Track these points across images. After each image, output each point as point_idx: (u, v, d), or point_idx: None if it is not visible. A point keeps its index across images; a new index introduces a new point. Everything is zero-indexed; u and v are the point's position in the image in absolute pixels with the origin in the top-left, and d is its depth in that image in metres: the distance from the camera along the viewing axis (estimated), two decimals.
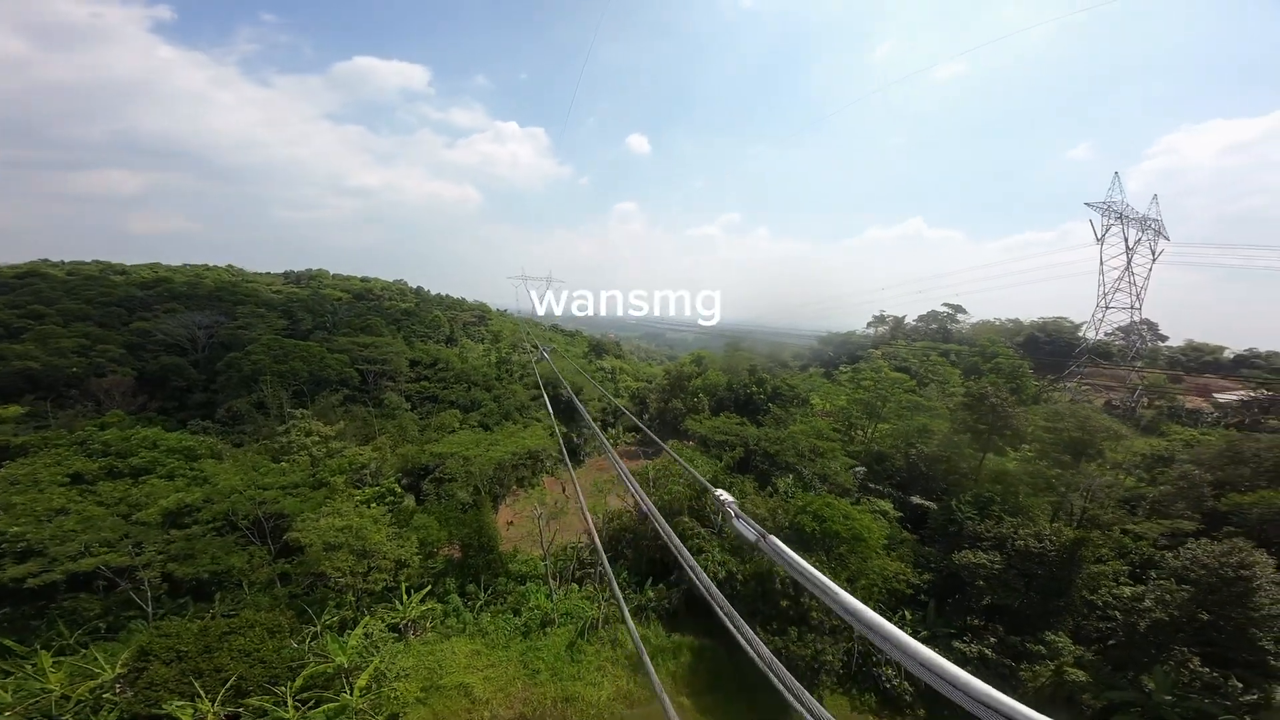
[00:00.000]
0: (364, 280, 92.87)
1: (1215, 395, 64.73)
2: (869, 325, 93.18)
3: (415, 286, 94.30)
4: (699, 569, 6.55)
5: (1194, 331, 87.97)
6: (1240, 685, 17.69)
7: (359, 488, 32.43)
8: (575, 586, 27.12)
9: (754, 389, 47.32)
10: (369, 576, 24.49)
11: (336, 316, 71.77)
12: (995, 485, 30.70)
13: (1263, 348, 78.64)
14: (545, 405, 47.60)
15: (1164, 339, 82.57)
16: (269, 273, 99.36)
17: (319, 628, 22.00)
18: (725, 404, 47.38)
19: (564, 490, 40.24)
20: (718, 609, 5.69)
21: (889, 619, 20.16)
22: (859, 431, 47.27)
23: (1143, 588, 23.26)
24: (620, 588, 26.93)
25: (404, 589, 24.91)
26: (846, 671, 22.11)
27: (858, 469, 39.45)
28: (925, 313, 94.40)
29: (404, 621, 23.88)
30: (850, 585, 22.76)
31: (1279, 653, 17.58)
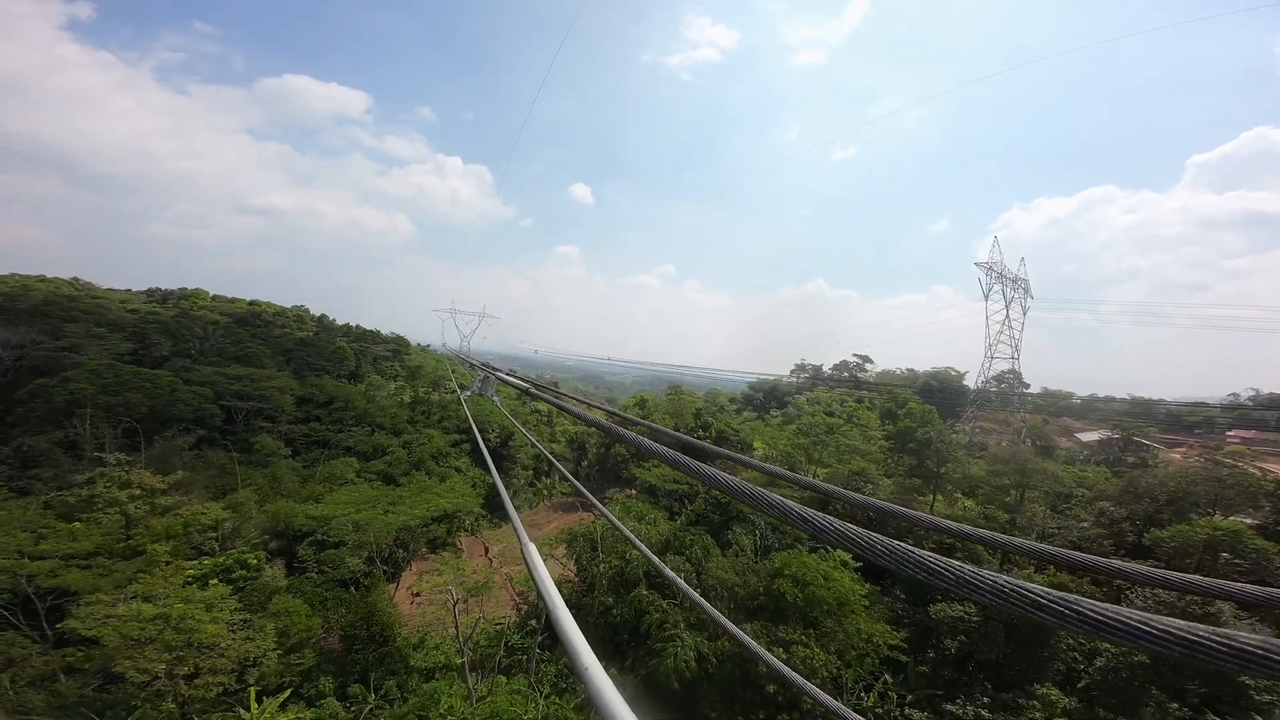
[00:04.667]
0: (251, 303, 79.85)
1: (1078, 435, 73.69)
2: (791, 373, 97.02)
3: (318, 314, 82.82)
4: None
5: (1043, 379, 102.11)
6: None
7: (200, 556, 24.08)
8: (502, 679, 21.07)
9: (700, 433, 44.83)
10: (197, 680, 16.98)
11: (206, 343, 59.65)
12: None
13: (1099, 393, 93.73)
14: (469, 452, 41.13)
15: (1027, 386, 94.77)
16: (128, 290, 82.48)
17: None
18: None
19: (487, 552, 33.81)
20: None
21: (873, 686, 17.20)
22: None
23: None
24: (561, 674, 21.39)
25: (253, 693, 17.56)
26: None
27: None
28: (838, 362, 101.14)
29: None
30: (839, 659, 19.64)
31: (1258, 685, 17.06)
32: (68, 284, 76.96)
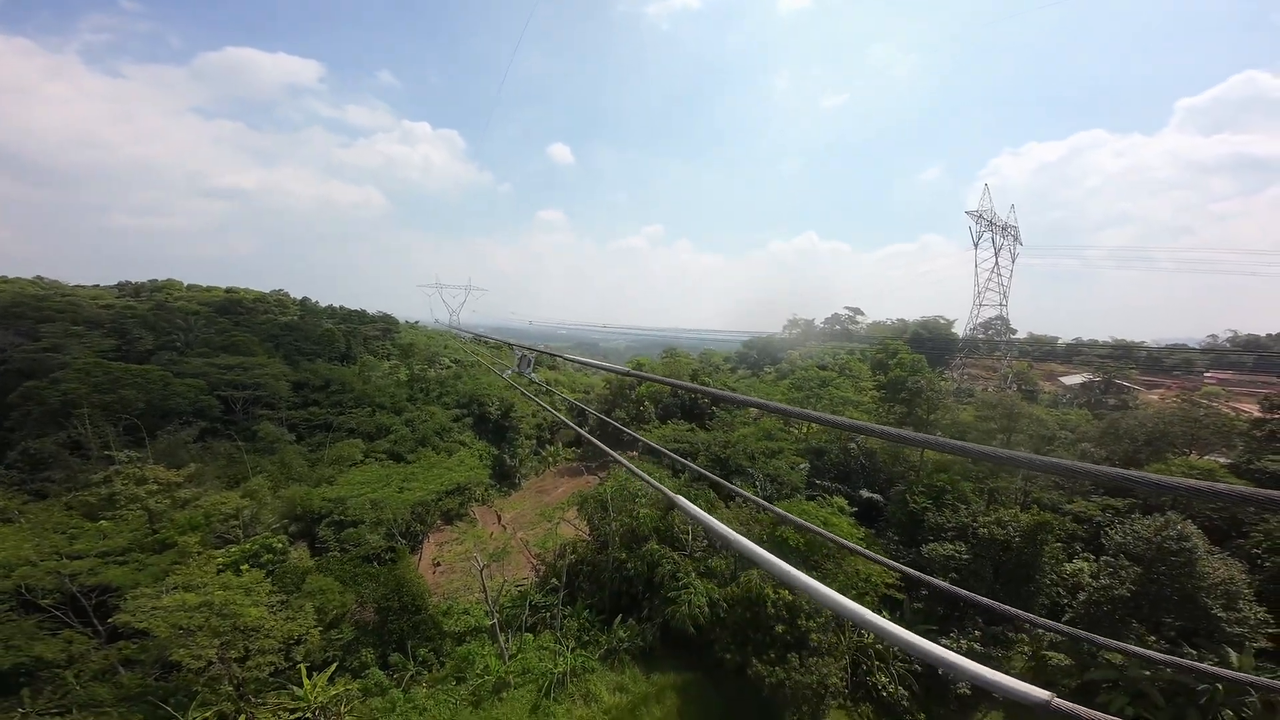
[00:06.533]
0: (228, 291, 77.74)
1: (1061, 379, 76.12)
2: (785, 329, 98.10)
3: (300, 298, 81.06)
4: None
5: (1030, 325, 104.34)
6: (1194, 652, 18.48)
7: (224, 545, 24.91)
8: (529, 636, 22.65)
9: (698, 394, 45.87)
10: (248, 661, 18.19)
11: (190, 334, 58.50)
12: (940, 474, 31.61)
13: (1084, 337, 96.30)
14: (471, 426, 41.80)
15: (1014, 332, 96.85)
16: (97, 285, 79.68)
17: None
18: (671, 411, 45.30)
19: (500, 520, 35.14)
20: None
21: None
22: (795, 429, 48.10)
23: (1083, 564, 24.53)
24: (584, 628, 23.02)
25: (303, 670, 18.88)
26: (844, 687, 20.40)
27: (802, 466, 39.31)
28: (830, 315, 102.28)
29: (311, 709, 17.95)
30: None
31: (1230, 618, 18.67)
32: (31, 283, 73.97)
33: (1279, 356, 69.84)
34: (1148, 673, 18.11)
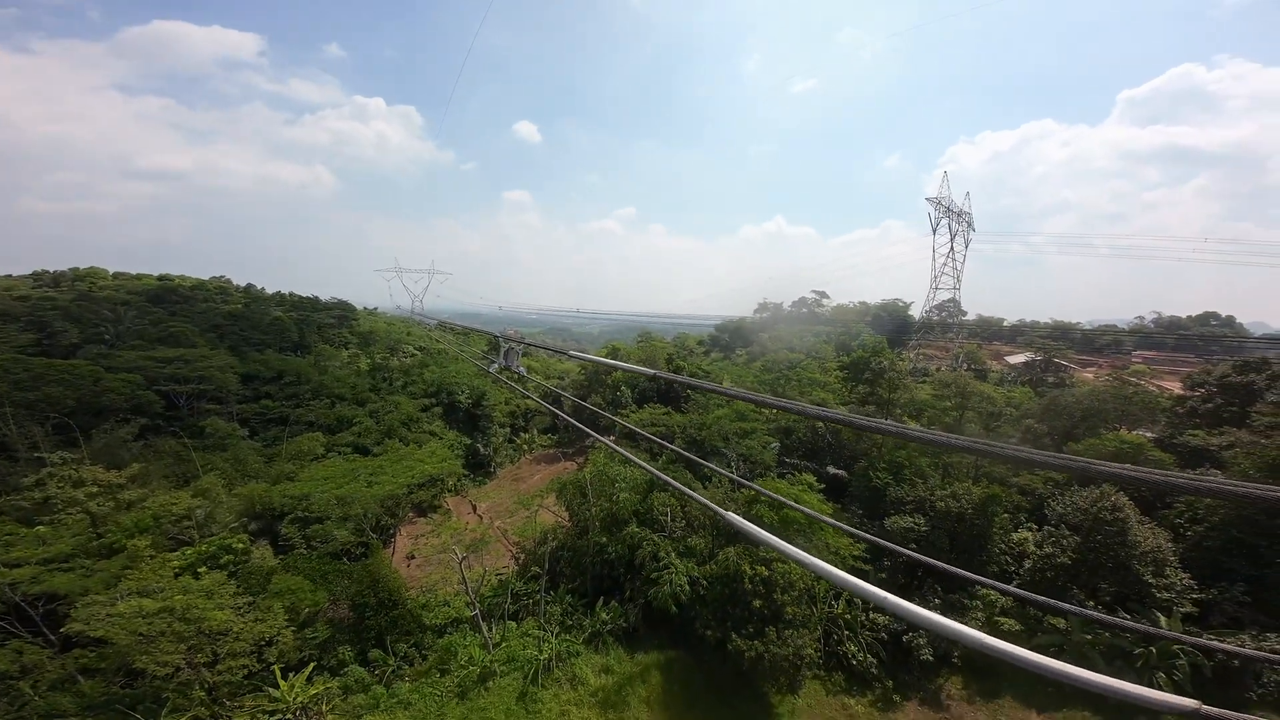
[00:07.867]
0: (161, 278, 71.99)
1: (1006, 358, 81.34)
2: (755, 311, 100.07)
3: (244, 284, 76.00)
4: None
5: (979, 307, 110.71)
6: (1128, 617, 20.31)
7: (179, 547, 23.50)
8: (512, 624, 22.65)
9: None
10: (219, 666, 17.39)
11: (120, 326, 54.06)
12: (900, 451, 33.31)
13: (1027, 318, 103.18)
14: (441, 416, 40.68)
15: (965, 314, 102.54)
16: (10, 276, 72.13)
17: None
18: (648, 395, 45.50)
19: (475, 510, 34.66)
20: None
21: (840, 594, 19.87)
22: (765, 410, 49.53)
23: (1027, 534, 26.45)
24: (567, 613, 23.21)
25: (278, 671, 18.23)
26: (818, 658, 21.49)
27: (773, 445, 40.58)
28: (798, 299, 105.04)
29: (291, 710, 17.40)
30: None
31: (1159, 584, 20.57)
32: None
33: (1198, 338, 76.98)
34: (1089, 637, 19.82)
